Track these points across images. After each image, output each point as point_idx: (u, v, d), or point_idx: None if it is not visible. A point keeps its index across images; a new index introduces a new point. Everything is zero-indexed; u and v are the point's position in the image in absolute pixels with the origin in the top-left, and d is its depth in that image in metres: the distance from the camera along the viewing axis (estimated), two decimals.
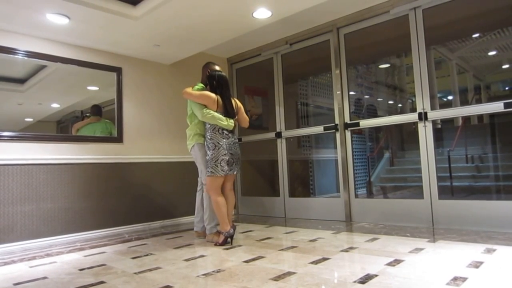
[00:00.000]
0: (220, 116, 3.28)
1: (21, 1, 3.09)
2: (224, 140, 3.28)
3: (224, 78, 3.39)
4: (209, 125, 3.32)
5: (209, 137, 3.32)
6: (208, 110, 3.28)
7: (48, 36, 3.85)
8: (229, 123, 3.31)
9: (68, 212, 3.89)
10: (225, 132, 3.30)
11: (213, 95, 3.30)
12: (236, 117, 3.47)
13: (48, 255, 3.21)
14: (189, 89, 3.36)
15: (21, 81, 3.88)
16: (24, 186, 3.62)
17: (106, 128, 4.35)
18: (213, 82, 3.35)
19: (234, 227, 3.31)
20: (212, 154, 3.27)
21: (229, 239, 3.24)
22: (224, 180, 3.37)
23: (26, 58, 3.76)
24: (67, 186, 3.90)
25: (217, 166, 3.25)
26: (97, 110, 4.32)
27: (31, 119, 3.88)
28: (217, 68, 3.51)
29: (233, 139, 3.36)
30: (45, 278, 2.47)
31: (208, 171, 3.29)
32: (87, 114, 4.23)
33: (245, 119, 3.61)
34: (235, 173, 3.37)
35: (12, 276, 2.56)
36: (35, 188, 3.68)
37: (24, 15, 3.34)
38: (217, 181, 3.29)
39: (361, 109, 7.05)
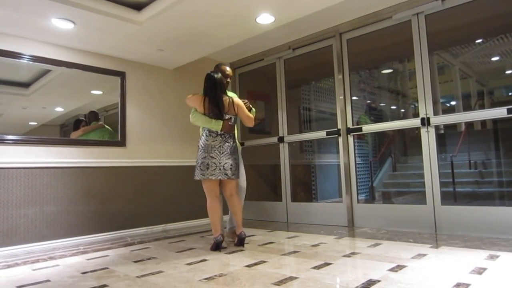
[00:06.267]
0: (204, 118, 3.19)
1: (27, 6, 3.12)
2: (209, 142, 3.17)
3: (211, 77, 3.23)
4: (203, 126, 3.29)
5: (199, 138, 3.29)
6: (193, 113, 3.27)
7: (53, 41, 3.89)
8: (213, 125, 3.17)
9: (71, 215, 3.90)
10: (213, 134, 3.19)
11: (199, 97, 3.25)
12: (229, 117, 3.24)
13: (51, 258, 3.22)
14: (189, 95, 3.36)
15: (26, 85, 3.91)
16: (28, 189, 3.64)
17: (111, 134, 4.38)
18: (204, 84, 3.26)
19: (241, 235, 3.32)
20: (197, 156, 3.23)
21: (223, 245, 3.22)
22: (221, 185, 3.31)
23: (31, 62, 3.79)
24: (70, 190, 3.92)
25: (196, 169, 3.20)
26: (95, 116, 4.34)
27: (35, 123, 3.91)
28: (227, 68, 3.46)
29: (221, 142, 3.18)
30: (48, 281, 2.48)
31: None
32: (82, 118, 4.23)
33: (247, 117, 3.36)
34: (220, 178, 3.15)
35: (15, 279, 2.57)
36: (38, 191, 3.70)
37: (29, 20, 3.38)
38: (206, 185, 3.24)
39: (376, 114, 7.05)
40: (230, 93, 3.41)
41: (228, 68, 3.50)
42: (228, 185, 3.31)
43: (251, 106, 3.49)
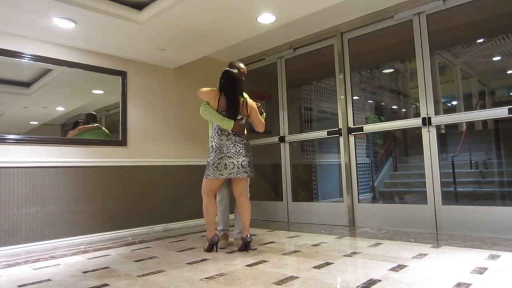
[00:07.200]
0: (217, 114, 3.05)
1: (29, 5, 3.13)
2: (223, 141, 3.05)
3: (228, 74, 3.11)
4: (212, 125, 3.16)
5: (211, 138, 3.17)
6: (205, 107, 3.11)
7: (54, 40, 3.89)
8: (225, 123, 3.04)
9: (72, 214, 3.91)
10: (225, 133, 3.07)
11: (214, 91, 3.10)
12: (241, 117, 3.12)
13: (52, 257, 3.23)
14: (203, 88, 3.19)
15: (27, 84, 3.91)
16: (29, 189, 3.64)
17: (106, 136, 4.36)
18: (220, 80, 3.14)
19: (247, 238, 3.10)
20: (210, 157, 3.10)
21: (216, 246, 3.14)
22: (232, 184, 3.23)
23: (32, 61, 3.80)
24: (71, 189, 3.92)
25: (211, 169, 3.06)
26: (93, 118, 4.32)
27: (36, 122, 3.91)
28: (241, 66, 3.38)
29: (235, 141, 3.07)
30: (49, 280, 2.48)
31: (204, 173, 3.16)
32: (80, 120, 4.21)
33: (259, 121, 3.21)
34: (238, 176, 3.06)
35: (17, 278, 2.57)
36: (39, 190, 3.71)
37: (31, 19, 3.38)
38: (208, 184, 3.13)
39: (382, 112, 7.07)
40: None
41: (242, 65, 3.40)
42: (240, 184, 3.17)
43: (262, 110, 3.35)
